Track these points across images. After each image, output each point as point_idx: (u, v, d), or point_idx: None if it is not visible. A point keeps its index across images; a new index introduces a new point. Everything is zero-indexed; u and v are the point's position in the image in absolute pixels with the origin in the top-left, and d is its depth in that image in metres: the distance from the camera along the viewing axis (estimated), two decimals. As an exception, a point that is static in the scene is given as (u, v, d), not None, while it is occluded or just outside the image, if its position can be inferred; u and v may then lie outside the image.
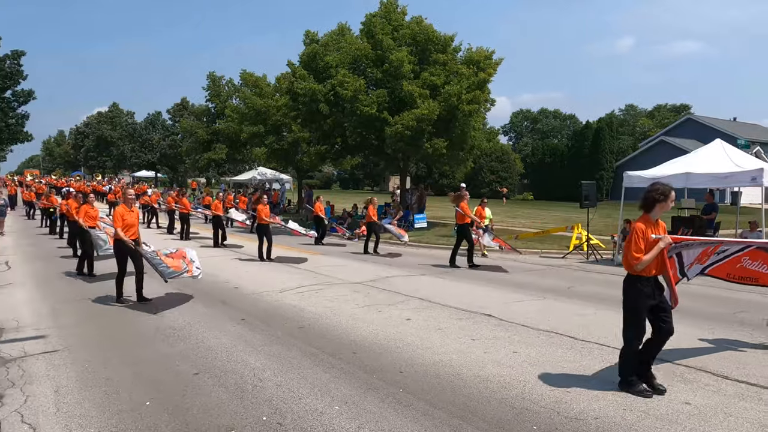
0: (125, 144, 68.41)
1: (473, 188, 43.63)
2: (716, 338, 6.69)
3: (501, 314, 7.85)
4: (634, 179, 13.65)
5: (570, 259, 14.56)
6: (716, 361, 5.77)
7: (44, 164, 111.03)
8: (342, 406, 4.55)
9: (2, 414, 4.47)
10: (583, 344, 6.37)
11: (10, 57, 34.58)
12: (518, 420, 4.29)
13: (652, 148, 45.64)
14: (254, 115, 29.11)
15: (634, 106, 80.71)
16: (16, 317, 7.77)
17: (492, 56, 21.44)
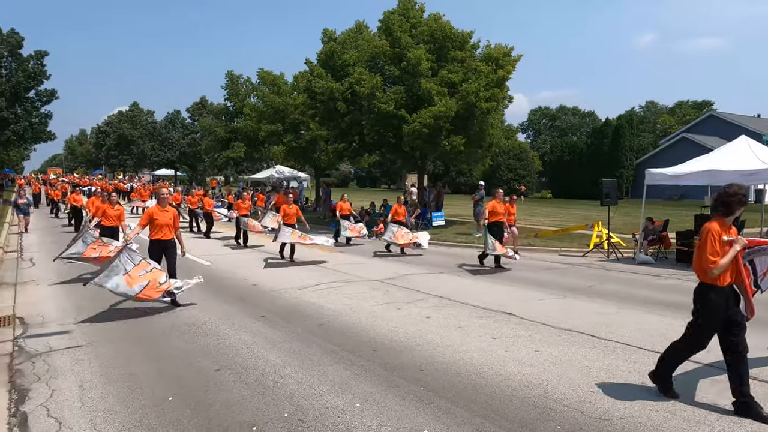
0: (145, 143, 69.29)
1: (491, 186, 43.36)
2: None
3: (521, 313, 7.78)
4: (656, 177, 13.43)
5: (590, 257, 14.38)
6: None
7: (66, 163, 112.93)
8: (363, 404, 4.54)
9: (29, 408, 4.54)
10: (606, 343, 6.28)
11: (33, 57, 35.17)
12: (541, 419, 4.24)
13: (673, 145, 45.01)
14: (272, 113, 29.28)
15: (654, 103, 79.59)
16: (40, 313, 7.90)
17: (511, 53, 21.27)
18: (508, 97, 22.18)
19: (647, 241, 13.95)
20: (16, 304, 8.56)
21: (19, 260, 13.48)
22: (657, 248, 14.20)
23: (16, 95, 34.31)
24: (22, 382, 5.13)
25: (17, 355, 6.00)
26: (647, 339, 6.41)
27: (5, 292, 9.60)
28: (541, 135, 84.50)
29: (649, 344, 6.19)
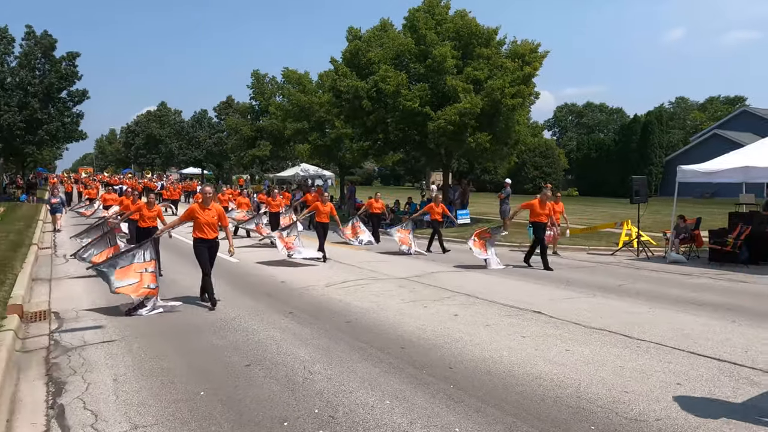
0: (173, 142, 70.36)
1: (516, 184, 42.99)
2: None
3: (550, 311, 7.68)
4: (688, 174, 13.12)
5: (619, 256, 14.14)
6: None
7: (97, 162, 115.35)
8: (393, 401, 4.53)
9: (65, 400, 4.64)
10: (639, 343, 6.15)
11: (65, 58, 35.93)
12: (575, 419, 4.17)
13: (704, 142, 43.95)
14: (298, 111, 29.45)
15: (685, 99, 77.79)
16: (75, 308, 8.08)
17: (537, 49, 21.02)
18: (535, 93, 21.92)
19: (679, 239, 13.65)
20: (51, 299, 8.78)
21: (53, 256, 13.82)
22: (689, 247, 13.88)
23: (49, 96, 35.11)
24: (59, 375, 5.25)
25: (53, 348, 6.14)
26: (682, 339, 6.26)
27: (40, 288, 9.85)
28: (567, 132, 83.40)
29: (683, 345, 6.05)
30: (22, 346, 6.28)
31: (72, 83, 36.43)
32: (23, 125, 33.99)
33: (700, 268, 12.07)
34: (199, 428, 4.08)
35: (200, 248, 8.07)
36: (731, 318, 7.35)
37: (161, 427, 4.10)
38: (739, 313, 7.65)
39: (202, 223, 8.00)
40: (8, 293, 8.48)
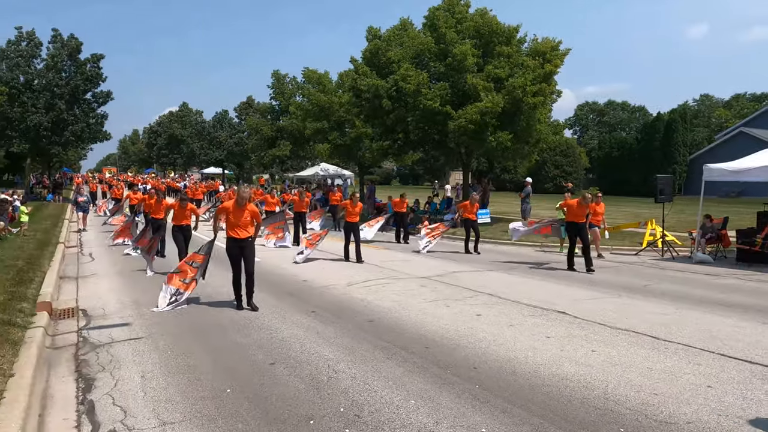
0: (194, 142, 71.13)
1: (537, 183, 42.64)
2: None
3: (575, 312, 7.60)
4: (715, 172, 12.87)
5: (643, 256, 13.94)
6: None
7: (120, 162, 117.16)
8: (418, 401, 4.51)
9: (95, 396, 4.72)
10: (666, 344, 6.05)
11: (90, 60, 36.56)
12: (603, 421, 4.11)
13: (730, 140, 43.09)
14: (318, 111, 29.54)
15: (709, 96, 76.44)
16: (102, 305, 8.21)
17: (558, 47, 20.79)
18: (556, 91, 21.70)
19: (705, 239, 13.40)
20: (79, 297, 8.93)
21: (79, 255, 14.07)
22: (715, 247, 13.62)
23: (75, 97, 35.79)
24: (88, 372, 5.34)
25: (82, 345, 6.24)
26: (710, 341, 6.15)
27: (68, 286, 10.03)
28: (588, 131, 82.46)
29: (713, 346, 5.94)
30: (51, 343, 6.40)
31: (97, 85, 37.06)
32: (49, 126, 34.67)
33: (727, 268, 11.84)
34: (226, 425, 4.11)
35: (232, 248, 7.95)
36: (761, 320, 7.19)
37: (189, 423, 4.14)
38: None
39: (234, 222, 7.87)
40: (37, 291, 8.64)
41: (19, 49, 35.19)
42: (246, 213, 8.02)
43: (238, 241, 7.96)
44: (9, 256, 11.57)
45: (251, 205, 8.24)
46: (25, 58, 35.18)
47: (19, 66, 34.64)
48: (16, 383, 4.65)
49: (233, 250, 8.01)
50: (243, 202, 8.05)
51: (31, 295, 8.27)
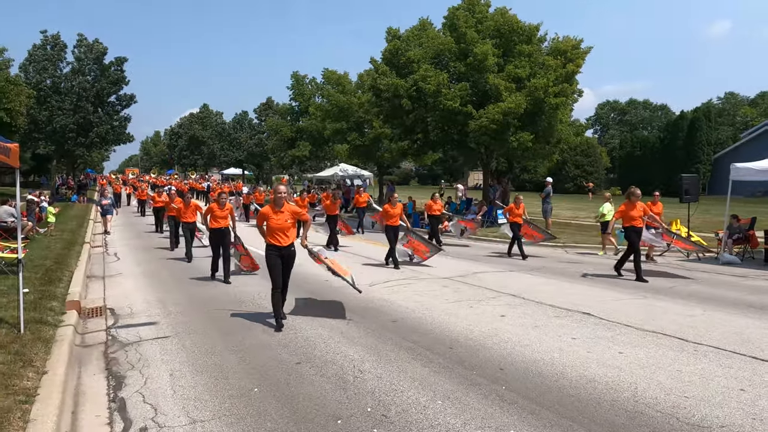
0: (215, 143, 71.94)
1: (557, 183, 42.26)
2: None
3: (600, 313, 7.51)
4: (742, 171, 12.63)
5: (668, 257, 13.73)
6: None
7: (142, 163, 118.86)
8: (444, 401, 4.50)
9: (126, 394, 4.80)
10: (696, 347, 5.96)
11: (114, 64, 37.23)
12: (633, 424, 4.06)
13: (756, 138, 42.29)
14: (337, 112, 29.69)
15: (734, 94, 74.96)
16: (129, 304, 8.34)
17: (580, 45, 20.63)
18: (578, 91, 21.52)
19: (732, 239, 13.15)
20: (106, 296, 9.09)
21: (104, 255, 14.30)
22: (743, 248, 13.37)
23: (100, 100, 36.49)
24: (118, 370, 5.43)
25: (111, 343, 6.35)
26: (741, 344, 6.03)
27: (95, 285, 10.22)
28: (609, 130, 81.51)
29: (744, 349, 5.82)
30: (81, 341, 6.52)
31: (120, 88, 37.72)
32: (75, 128, 35.35)
33: (755, 269, 11.61)
34: (255, 424, 4.15)
35: (272, 257, 6.99)
36: (793, 322, 7.04)
37: (218, 422, 4.19)
38: (801, 317, 7.32)
39: (274, 227, 6.96)
40: (66, 290, 8.81)
41: (46, 53, 35.93)
42: (286, 215, 7.02)
43: (278, 249, 6.97)
44: (38, 255, 11.81)
45: (291, 205, 7.31)
46: (52, 62, 35.93)
47: (46, 69, 35.37)
48: (49, 380, 4.75)
49: (274, 260, 6.97)
50: (281, 203, 7.09)
51: (60, 293, 8.43)
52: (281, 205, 7.11)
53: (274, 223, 6.99)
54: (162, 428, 4.10)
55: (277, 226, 6.98)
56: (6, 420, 3.87)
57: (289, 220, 7.07)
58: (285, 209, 7.09)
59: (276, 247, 7.00)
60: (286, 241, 7.05)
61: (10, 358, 5.11)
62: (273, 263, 7.00)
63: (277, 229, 7.01)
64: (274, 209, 7.08)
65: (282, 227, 7.03)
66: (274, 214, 7.06)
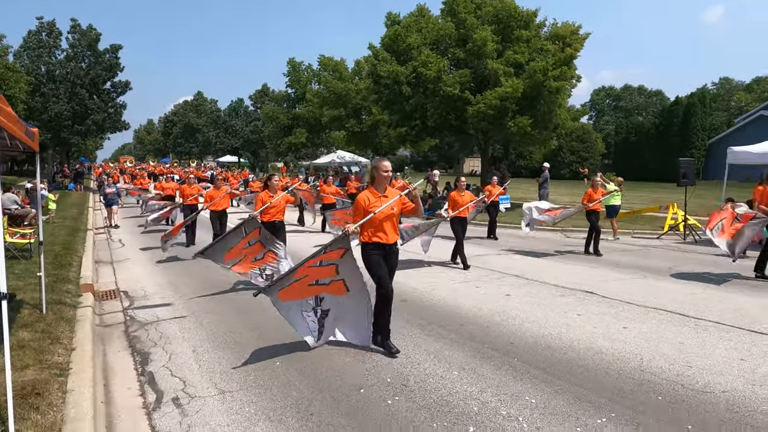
0: (210, 131, 71.67)
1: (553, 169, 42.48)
2: None
3: (602, 292, 7.75)
4: (739, 155, 12.89)
5: (665, 240, 13.99)
6: None
7: (135, 151, 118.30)
8: (460, 372, 4.72)
9: (153, 368, 4.99)
10: (697, 321, 6.20)
11: (109, 51, 37.00)
12: (641, 390, 4.29)
13: (750, 123, 42.54)
14: (334, 99, 29.71)
15: (729, 79, 75.13)
16: (141, 287, 8.52)
17: (578, 31, 20.73)
18: (576, 76, 21.65)
19: (728, 222, 13.38)
20: (117, 280, 9.26)
21: (109, 241, 14.43)
22: (739, 230, 13.59)
23: (95, 87, 36.32)
24: (141, 347, 5.61)
25: (130, 323, 6.53)
26: (740, 318, 6.28)
27: (104, 270, 10.38)
28: (604, 116, 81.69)
29: (742, 323, 6.07)
30: (100, 322, 6.70)
31: (115, 75, 37.53)
32: (71, 115, 35.21)
33: (751, 251, 11.86)
34: (281, 393, 4.35)
35: (374, 257, 5.25)
36: (789, 299, 7.30)
37: (246, 392, 4.39)
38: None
39: (381, 219, 5.20)
40: (77, 274, 8.98)
41: (41, 40, 35.66)
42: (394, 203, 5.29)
43: (382, 248, 5.29)
44: (45, 241, 11.88)
45: (394, 191, 5.51)
46: (47, 49, 35.68)
47: (41, 57, 35.14)
48: (79, 356, 4.94)
49: (377, 261, 5.26)
50: (274, 190, 7.17)
51: (72, 277, 8.59)
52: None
53: (382, 212, 5.19)
54: (193, 398, 4.30)
55: (385, 216, 5.22)
56: (46, 390, 4.05)
57: (394, 208, 5.31)
58: (389, 194, 5.35)
59: (379, 246, 5.28)
60: (393, 238, 5.36)
61: (38, 336, 5.29)
62: (376, 264, 5.26)
63: (385, 221, 5.21)
64: (376, 194, 5.30)
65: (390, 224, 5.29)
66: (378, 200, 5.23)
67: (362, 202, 5.25)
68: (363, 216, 5.18)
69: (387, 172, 5.27)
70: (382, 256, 5.28)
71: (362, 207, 5.24)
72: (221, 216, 11.49)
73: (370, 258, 5.26)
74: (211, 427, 3.82)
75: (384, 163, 5.29)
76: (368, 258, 5.28)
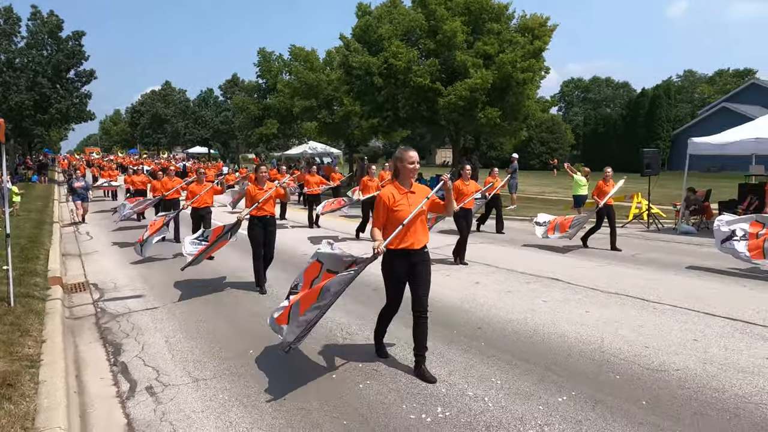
0: (179, 121, 70.39)
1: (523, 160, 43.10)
2: (792, 301, 6.67)
3: (568, 278, 8.01)
4: (699, 146, 13.29)
5: (629, 228, 14.40)
6: (794, 322, 5.79)
7: (101, 142, 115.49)
8: (429, 356, 4.84)
9: (125, 359, 5.01)
10: (655, 305, 6.48)
11: (72, 38, 35.96)
12: (600, 371, 4.51)
13: (712, 115, 43.80)
14: (306, 89, 29.53)
15: (693, 72, 77.05)
16: (111, 279, 8.46)
17: (547, 23, 21.04)
18: (545, 68, 21.98)
19: (689, 211, 13.90)
20: (86, 272, 9.16)
21: (76, 234, 14.20)
22: (699, 219, 14.13)
23: (58, 76, 35.29)
24: (113, 338, 5.62)
25: (101, 315, 6.51)
26: (696, 302, 6.58)
27: (72, 262, 10.24)
28: (573, 107, 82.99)
29: (698, 306, 6.37)
30: (70, 314, 6.66)
31: (79, 63, 36.52)
32: (32, 105, 34.20)
33: (710, 238, 12.26)
34: (255, 381, 4.44)
35: (396, 270, 4.54)
36: (742, 283, 7.67)
37: (220, 380, 4.46)
38: (749, 279, 7.96)
39: (400, 217, 4.36)
40: (45, 267, 8.86)
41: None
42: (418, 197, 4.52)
43: (407, 256, 4.49)
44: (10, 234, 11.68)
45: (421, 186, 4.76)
46: (5, 36, 34.52)
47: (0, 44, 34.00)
48: (49, 348, 4.93)
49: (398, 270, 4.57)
50: (263, 182, 6.89)
51: (40, 270, 8.48)
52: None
53: (404, 212, 4.37)
54: (167, 386, 4.35)
55: (405, 217, 4.35)
56: (18, 381, 4.06)
57: (425, 205, 4.46)
58: (416, 190, 4.55)
59: (405, 253, 4.45)
60: (424, 241, 4.54)
61: (7, 329, 5.25)
62: (396, 276, 4.57)
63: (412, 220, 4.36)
64: (401, 190, 4.49)
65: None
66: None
67: (386, 200, 4.40)
68: (386, 217, 4.41)
69: (413, 164, 4.44)
70: (407, 267, 4.45)
71: (386, 207, 4.40)
72: (204, 213, 10.58)
73: (392, 270, 4.51)
74: (186, 413, 3.89)
75: (409, 153, 4.47)
76: (389, 269, 4.53)
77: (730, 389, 4.11)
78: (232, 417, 3.83)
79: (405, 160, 4.44)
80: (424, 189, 4.62)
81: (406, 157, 4.44)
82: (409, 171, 4.46)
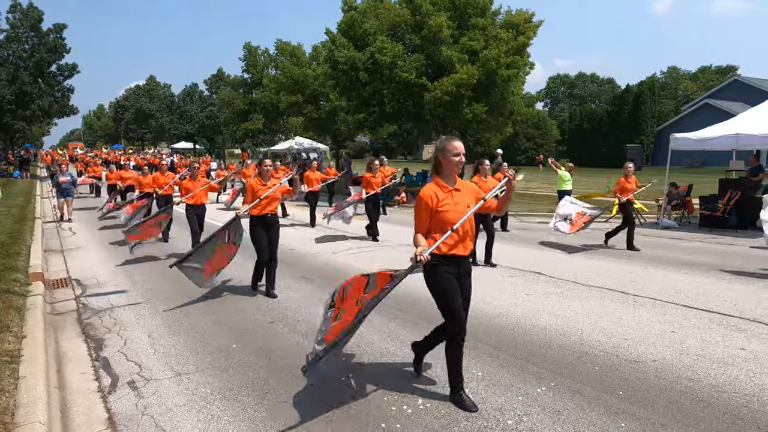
0: (163, 116, 69.69)
1: (509, 155, 43.30)
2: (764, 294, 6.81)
3: (550, 272, 8.09)
4: (681, 141, 13.48)
5: (613, 222, 14.54)
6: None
7: (85, 137, 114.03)
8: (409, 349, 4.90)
9: (107, 354, 5.00)
10: (635, 298, 6.58)
11: (53, 30, 35.42)
12: (579, 362, 4.58)
13: (695, 111, 44.30)
14: (292, 84, 29.41)
15: (677, 69, 77.81)
16: (94, 275, 8.40)
17: (531, 19, 21.13)
18: (529, 63, 22.10)
19: (671, 206, 14.09)
20: (69, 268, 9.08)
21: (59, 229, 14.05)
22: (680, 213, 14.33)
23: (39, 70, 34.76)
24: (95, 333, 5.59)
25: (83, 311, 6.47)
26: (675, 295, 6.70)
27: (55, 258, 10.14)
28: (559, 103, 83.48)
29: (677, 299, 6.48)
30: (52, 310, 6.60)
31: (61, 57, 36.01)
32: (13, 99, 33.68)
33: (691, 233, 12.53)
34: (237, 374, 4.45)
35: (445, 278, 3.92)
36: (721, 276, 7.81)
37: (202, 374, 4.47)
38: (728, 272, 8.10)
39: (453, 222, 3.78)
40: (26, 263, 8.75)
41: (-22, 21, 33.89)
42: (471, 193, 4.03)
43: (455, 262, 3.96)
44: (-10, 230, 11.54)
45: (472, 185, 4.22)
46: (-15, 30, 33.96)
47: (-21, 38, 33.43)
48: (30, 343, 4.89)
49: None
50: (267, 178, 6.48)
51: (21, 266, 8.38)
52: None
53: (450, 213, 3.80)
54: (149, 381, 4.35)
55: (456, 218, 3.78)
56: (-3, 377, 4.03)
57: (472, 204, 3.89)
58: (463, 188, 3.96)
59: (453, 259, 3.91)
60: (469, 247, 3.98)
61: (-14, 325, 5.20)
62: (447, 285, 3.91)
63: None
64: (447, 189, 3.88)
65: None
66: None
67: (428, 201, 3.80)
68: (428, 221, 3.82)
69: (459, 155, 3.79)
70: (455, 277, 3.87)
71: (429, 209, 3.80)
72: (200, 211, 9.86)
73: (440, 279, 3.84)
74: (168, 407, 3.89)
75: (454, 143, 3.81)
76: (437, 278, 3.86)
77: (704, 379, 4.20)
78: (214, 410, 3.84)
79: (449, 151, 3.78)
80: (470, 186, 4.05)
81: (450, 148, 3.78)
82: (454, 165, 3.80)
